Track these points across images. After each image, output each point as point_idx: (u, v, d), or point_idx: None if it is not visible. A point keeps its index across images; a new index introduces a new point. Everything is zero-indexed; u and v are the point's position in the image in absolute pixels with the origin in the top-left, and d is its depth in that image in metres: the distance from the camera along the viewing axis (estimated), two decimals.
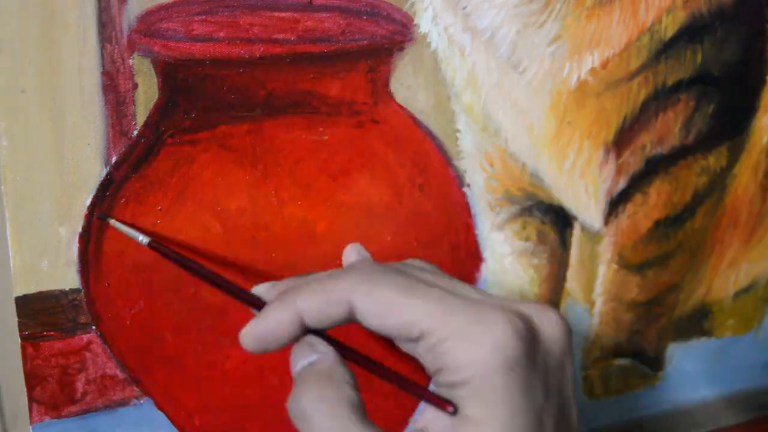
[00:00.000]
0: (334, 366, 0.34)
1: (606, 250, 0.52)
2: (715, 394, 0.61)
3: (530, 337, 0.33)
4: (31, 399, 0.41)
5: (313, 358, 0.34)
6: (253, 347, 0.34)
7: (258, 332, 0.34)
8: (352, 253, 0.41)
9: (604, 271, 0.53)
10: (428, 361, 0.33)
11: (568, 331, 0.35)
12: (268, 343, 0.34)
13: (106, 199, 0.40)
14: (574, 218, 0.51)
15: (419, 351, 0.34)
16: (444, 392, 0.33)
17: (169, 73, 0.40)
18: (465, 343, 0.32)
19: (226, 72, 0.41)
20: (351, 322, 0.34)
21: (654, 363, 0.57)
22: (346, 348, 0.36)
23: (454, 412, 0.32)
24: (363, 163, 0.44)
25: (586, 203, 0.50)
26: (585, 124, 0.48)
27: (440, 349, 0.32)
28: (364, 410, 0.33)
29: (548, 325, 0.34)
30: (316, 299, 0.34)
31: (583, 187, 0.50)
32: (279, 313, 0.34)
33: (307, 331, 0.35)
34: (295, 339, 0.35)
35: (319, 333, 0.35)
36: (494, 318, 0.32)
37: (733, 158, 0.54)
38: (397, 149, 0.45)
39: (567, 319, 0.35)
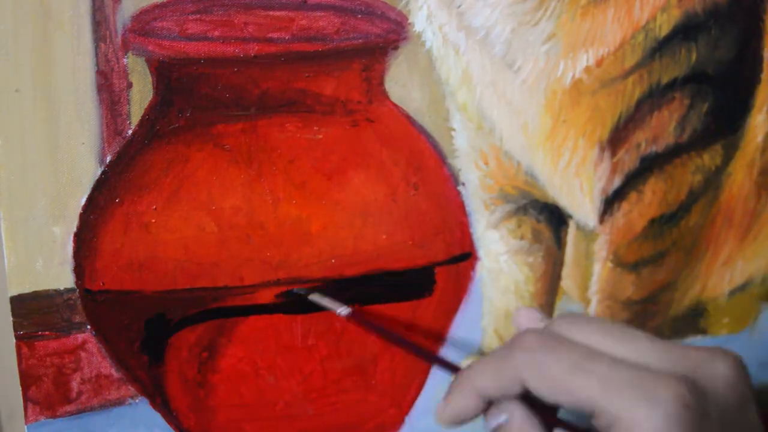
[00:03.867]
0: (525, 424, 0.36)
1: (601, 249, 0.52)
2: None
3: (700, 404, 0.33)
4: (26, 398, 0.41)
5: (502, 419, 0.37)
6: (451, 426, 0.38)
7: (450, 415, 0.38)
8: (522, 317, 0.42)
9: (599, 269, 0.53)
10: None
11: (743, 374, 0.35)
12: (462, 421, 0.38)
13: (101, 199, 0.40)
14: (569, 217, 0.51)
15: (597, 426, 0.35)
16: None
17: (164, 72, 0.40)
18: (636, 426, 0.33)
19: (220, 71, 0.41)
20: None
21: None
22: (529, 402, 0.37)
23: None
24: (358, 161, 0.44)
25: (581, 201, 0.50)
26: (580, 123, 0.48)
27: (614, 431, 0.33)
28: None
29: (721, 374, 0.35)
30: (492, 382, 0.36)
31: (578, 186, 0.50)
32: (462, 397, 0.37)
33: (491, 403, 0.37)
34: (485, 410, 0.38)
35: None
36: (663, 395, 0.33)
37: (728, 156, 0.54)
38: (392, 148, 0.45)
39: (741, 359, 0.35)
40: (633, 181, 0.51)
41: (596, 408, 0.34)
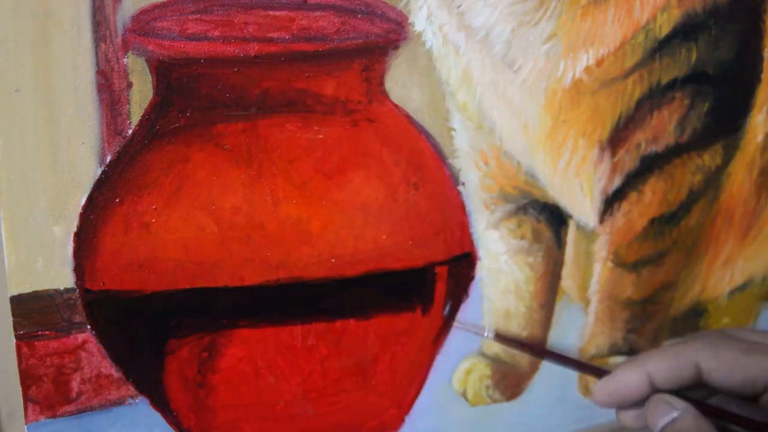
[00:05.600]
0: (699, 421, 0.37)
1: (601, 249, 0.52)
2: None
3: None
4: (27, 398, 0.41)
5: (674, 414, 0.38)
6: (605, 402, 0.39)
7: (609, 389, 0.39)
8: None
9: (600, 269, 0.53)
10: None
11: None
12: (619, 399, 0.39)
13: (101, 199, 0.40)
14: (569, 216, 0.51)
15: (763, 403, 0.36)
16: None
17: (164, 72, 0.40)
18: None
19: (220, 71, 0.41)
20: (695, 383, 0.38)
21: None
22: (697, 402, 0.38)
23: None
24: (358, 161, 0.44)
25: (581, 201, 0.50)
26: (580, 123, 0.48)
27: None
28: None
29: None
30: (666, 362, 0.38)
31: (578, 186, 0.50)
32: (630, 373, 0.38)
33: (655, 392, 0.39)
34: (644, 399, 0.38)
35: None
36: None
37: (728, 156, 0.54)
38: (392, 148, 0.45)
39: None
40: (633, 181, 0.51)
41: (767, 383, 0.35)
